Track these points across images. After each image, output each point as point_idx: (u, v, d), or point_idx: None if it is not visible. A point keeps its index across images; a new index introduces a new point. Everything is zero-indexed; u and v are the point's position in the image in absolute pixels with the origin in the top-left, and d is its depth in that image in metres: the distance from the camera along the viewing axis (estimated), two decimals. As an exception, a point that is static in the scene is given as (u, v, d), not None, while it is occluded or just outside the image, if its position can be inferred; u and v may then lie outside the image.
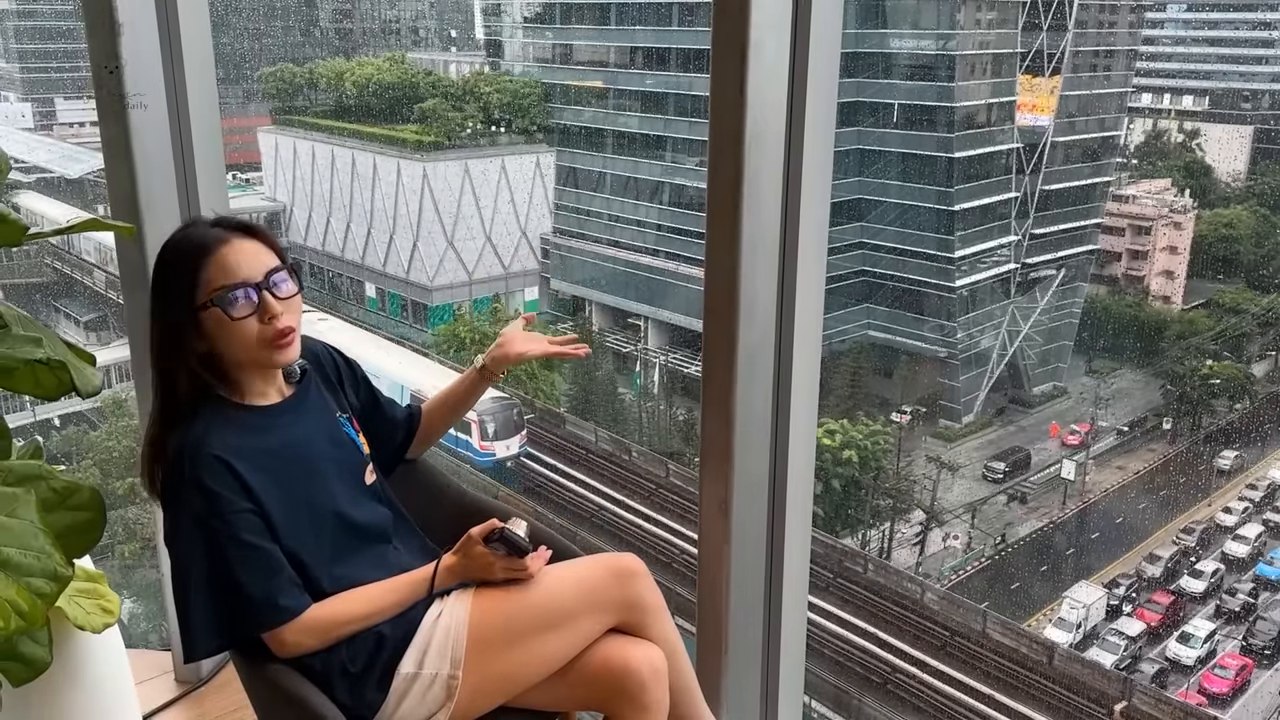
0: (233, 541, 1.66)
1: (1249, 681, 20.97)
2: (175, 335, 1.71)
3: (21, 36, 41.34)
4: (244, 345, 1.71)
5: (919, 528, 25.96)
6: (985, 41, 32.38)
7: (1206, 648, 21.57)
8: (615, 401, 31.28)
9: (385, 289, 38.99)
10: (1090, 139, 34.46)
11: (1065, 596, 22.94)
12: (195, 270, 1.68)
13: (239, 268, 1.70)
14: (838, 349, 30.28)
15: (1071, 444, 29.56)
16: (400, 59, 41.03)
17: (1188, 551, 24.79)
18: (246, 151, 41.12)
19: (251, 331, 1.70)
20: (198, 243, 1.71)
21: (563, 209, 38.92)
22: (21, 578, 1.44)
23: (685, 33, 35.11)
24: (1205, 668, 21.14)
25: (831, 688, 18.41)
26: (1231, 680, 20.66)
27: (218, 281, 1.69)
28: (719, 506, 2.18)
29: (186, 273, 1.69)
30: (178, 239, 1.74)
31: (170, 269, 1.72)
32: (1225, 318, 30.94)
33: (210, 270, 1.69)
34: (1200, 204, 34.81)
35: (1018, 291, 33.34)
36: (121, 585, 18.17)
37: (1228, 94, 38.66)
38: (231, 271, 1.69)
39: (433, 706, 1.74)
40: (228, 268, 1.69)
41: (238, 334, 1.70)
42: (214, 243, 1.71)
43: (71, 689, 2.17)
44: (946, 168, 31.68)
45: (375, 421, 2.01)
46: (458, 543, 1.89)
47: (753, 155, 2.01)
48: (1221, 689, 20.45)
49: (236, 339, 1.70)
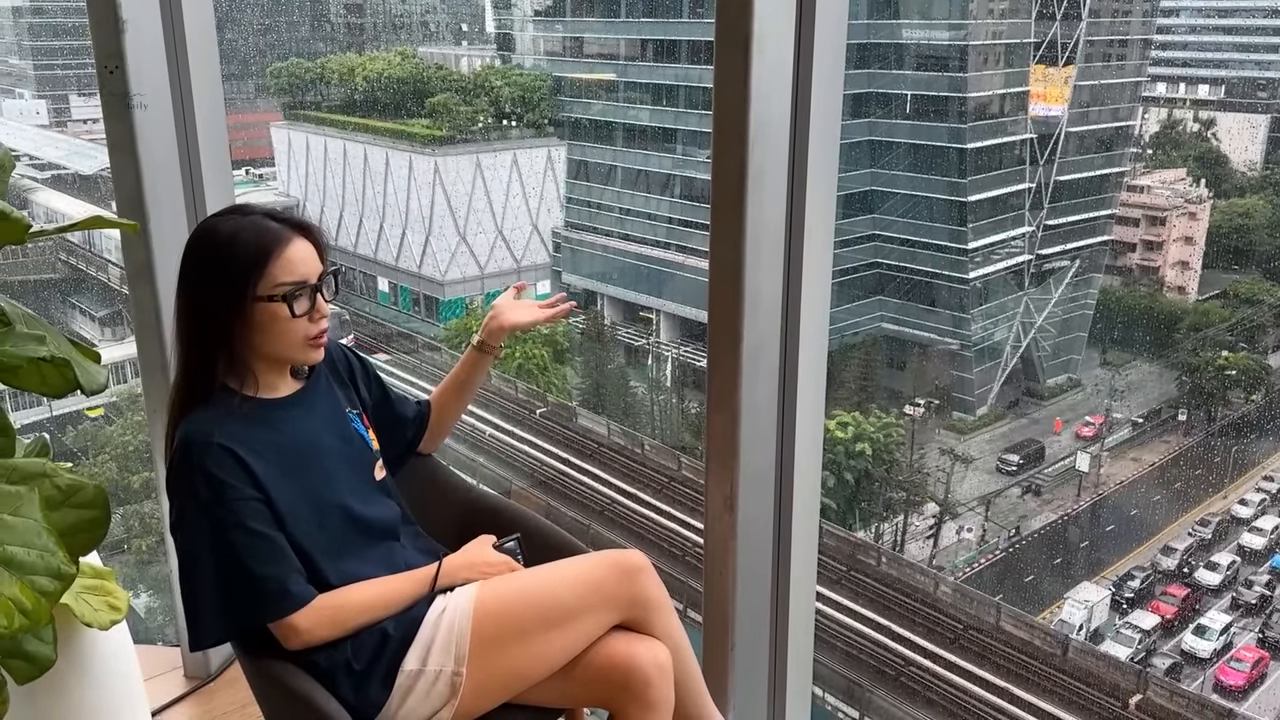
0: (239, 529, 1.66)
1: (1265, 675, 20.84)
2: (223, 320, 1.71)
3: (35, 33, 41.53)
4: (289, 342, 1.74)
5: (932, 521, 25.90)
6: (998, 31, 32.19)
7: (1223, 640, 21.44)
8: (627, 395, 31.30)
9: (397, 283, 39.08)
10: (1104, 129, 34.22)
11: (1067, 598, 22.76)
12: (263, 262, 1.69)
13: (300, 266, 1.73)
14: (850, 342, 30.20)
15: (1086, 436, 29.43)
16: (411, 54, 41.06)
17: (1203, 543, 24.67)
18: (259, 147, 41.24)
19: (299, 330, 1.73)
20: (265, 235, 1.72)
21: (574, 202, 38.91)
22: (25, 576, 1.45)
23: (695, 24, 35.01)
24: (1221, 660, 21.02)
25: (844, 680, 18.40)
26: (1247, 673, 20.55)
27: (282, 277, 1.70)
28: (725, 502, 2.18)
29: (251, 262, 1.69)
30: (237, 226, 1.73)
31: (231, 255, 1.71)
32: (1241, 308, 30.71)
33: (277, 265, 1.70)
34: (1215, 194, 34.54)
35: (1031, 283, 33.17)
36: (137, 580, 18.32)
37: (1243, 83, 38.33)
38: (295, 269, 1.72)
39: (437, 703, 1.74)
40: (292, 265, 1.71)
41: (287, 330, 1.72)
42: (281, 238, 1.72)
43: (79, 686, 2.18)
44: (959, 159, 31.53)
45: (386, 417, 2.01)
46: (466, 544, 1.91)
47: (757, 148, 2.00)
48: (1237, 682, 20.34)
49: (282, 335, 1.72)
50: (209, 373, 1.71)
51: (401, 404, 2.06)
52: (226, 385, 1.74)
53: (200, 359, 1.72)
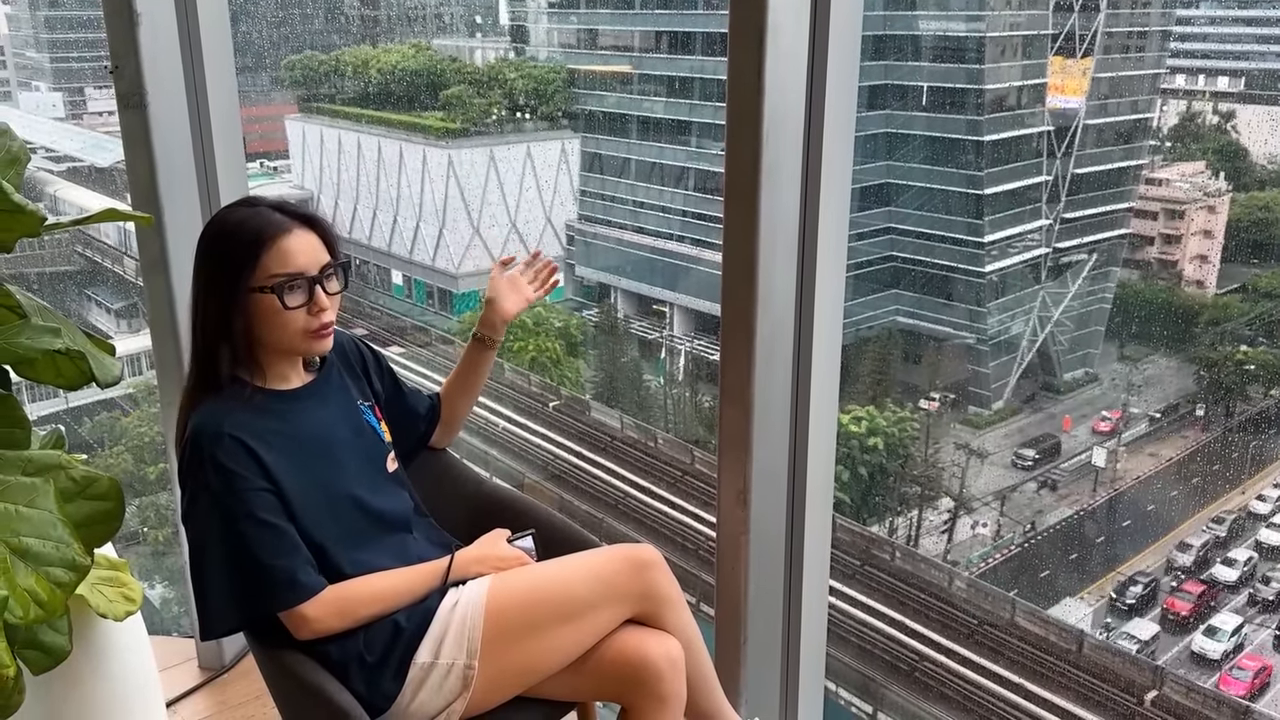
0: (249, 519, 1.67)
1: (1268, 685, 20.48)
2: (223, 311, 1.71)
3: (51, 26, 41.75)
4: (287, 334, 1.74)
5: (946, 516, 25.82)
6: (1015, 23, 31.97)
7: (1234, 641, 21.17)
8: (640, 388, 31.30)
9: (411, 276, 39.16)
10: (1122, 121, 33.96)
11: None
12: (256, 253, 1.70)
13: (297, 258, 1.73)
14: (865, 335, 30.10)
15: (1103, 431, 29.26)
16: (425, 46, 41.09)
17: (1220, 540, 24.47)
18: (275, 140, 41.36)
19: (298, 322, 1.73)
20: (262, 226, 1.72)
21: (588, 195, 38.88)
22: (41, 567, 1.46)
23: (710, 16, 34.92)
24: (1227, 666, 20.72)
25: (858, 675, 18.37)
26: (1249, 683, 20.19)
27: (275, 269, 1.71)
28: (737, 496, 2.17)
29: (245, 253, 1.70)
30: (241, 217, 1.74)
31: (229, 246, 1.72)
32: (1261, 302, 30.42)
33: (270, 256, 1.70)
34: (1235, 187, 34.20)
35: (1048, 277, 32.95)
36: (153, 571, 18.44)
37: (1263, 75, 37.93)
38: (290, 261, 1.72)
39: (449, 696, 1.74)
40: (287, 256, 1.72)
41: (283, 322, 1.73)
42: (278, 229, 1.73)
43: (94, 677, 2.20)
44: (976, 151, 31.34)
45: (398, 411, 2.02)
46: (477, 537, 1.91)
47: (771, 140, 1.98)
48: (1239, 691, 19.99)
49: (280, 327, 1.73)
50: (214, 363, 1.72)
51: (414, 397, 2.06)
52: (237, 376, 1.75)
53: (205, 349, 1.73)
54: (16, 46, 44.16)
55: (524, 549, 1.90)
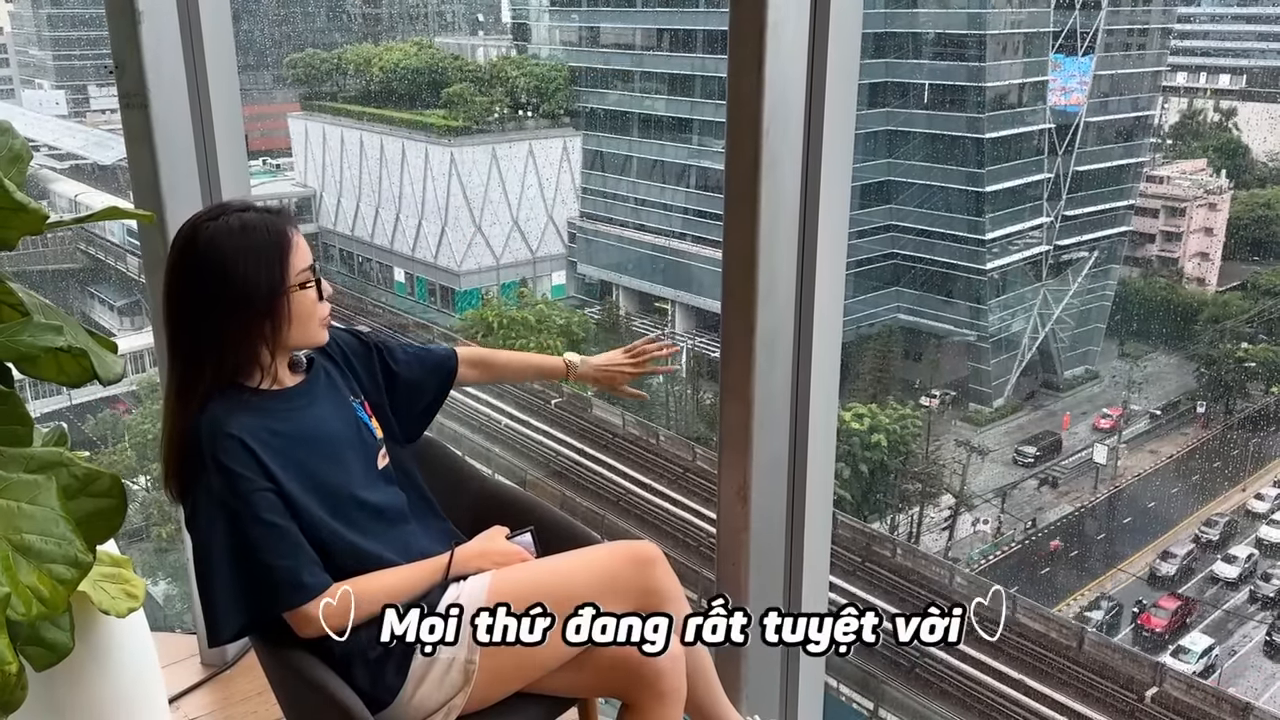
0: (253, 520, 1.66)
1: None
2: (254, 317, 1.70)
3: (54, 24, 41.76)
4: (313, 325, 1.76)
5: (948, 512, 25.83)
6: (1017, 20, 31.93)
7: (1203, 663, 20.85)
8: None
9: (413, 273, 39.17)
10: (1124, 119, 33.93)
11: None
12: (285, 253, 1.71)
13: (307, 252, 1.76)
14: (866, 333, 30.10)
15: (1103, 428, 29.25)
16: (428, 44, 41.08)
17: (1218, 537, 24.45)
18: (278, 138, 41.37)
19: (324, 311, 1.77)
20: (270, 226, 1.73)
21: (589, 193, 38.87)
22: (43, 564, 1.46)
23: (711, 14, 34.89)
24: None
25: (858, 671, 18.39)
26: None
27: (301, 264, 1.73)
28: (738, 492, 2.17)
29: (275, 255, 1.71)
30: (239, 224, 1.70)
31: (254, 254, 1.69)
32: (1261, 300, 30.40)
33: (295, 255, 1.72)
34: (1236, 184, 34.20)
35: (1049, 274, 32.96)
36: (156, 567, 18.47)
37: (1264, 72, 37.90)
38: (306, 255, 1.75)
39: (450, 691, 1.75)
40: (303, 251, 1.74)
41: (315, 313, 1.76)
42: (284, 226, 1.74)
43: (97, 673, 2.20)
44: (977, 149, 31.32)
45: (418, 371, 2.02)
46: (480, 533, 1.91)
47: (771, 138, 1.98)
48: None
49: (310, 319, 1.75)
50: (205, 370, 1.70)
51: (426, 353, 2.05)
52: (234, 380, 1.74)
53: (204, 357, 1.70)
54: (19, 44, 44.21)
55: (522, 545, 1.90)
